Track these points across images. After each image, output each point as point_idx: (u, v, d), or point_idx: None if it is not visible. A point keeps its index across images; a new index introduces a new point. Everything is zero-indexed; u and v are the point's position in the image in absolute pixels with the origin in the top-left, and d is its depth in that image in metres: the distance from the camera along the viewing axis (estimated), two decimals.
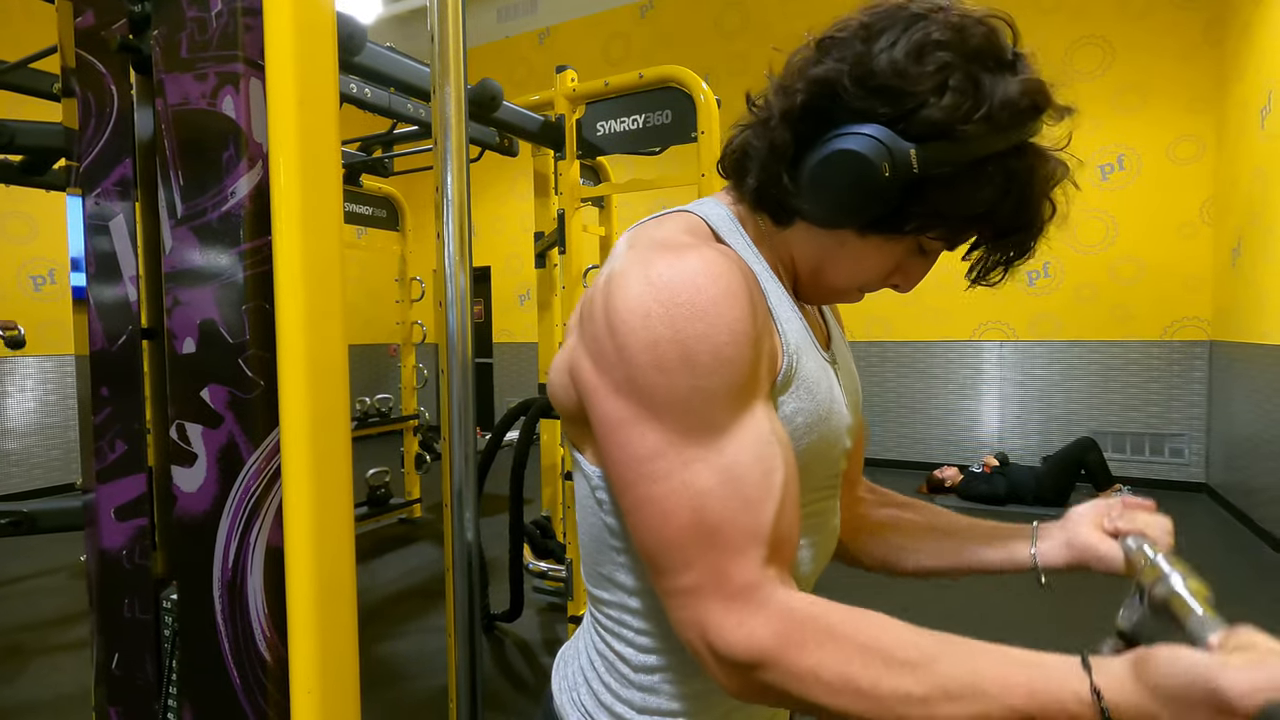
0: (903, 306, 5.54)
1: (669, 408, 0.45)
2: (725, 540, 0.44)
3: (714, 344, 0.45)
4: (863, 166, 0.48)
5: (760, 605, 0.44)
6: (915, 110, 0.47)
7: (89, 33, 1.04)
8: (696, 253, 0.48)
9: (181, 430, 0.97)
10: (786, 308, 0.55)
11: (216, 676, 0.99)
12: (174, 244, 0.96)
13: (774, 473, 0.46)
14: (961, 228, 0.52)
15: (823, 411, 0.54)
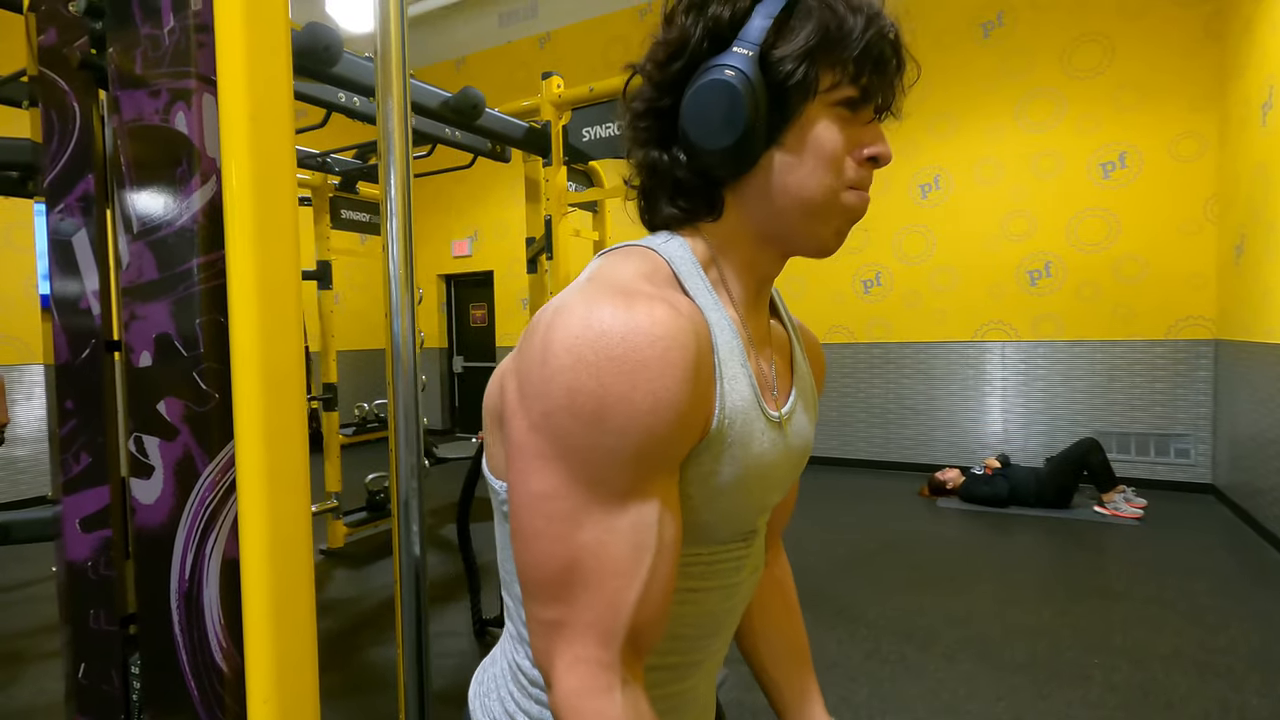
0: (905, 308, 5.52)
1: (572, 454, 0.45)
2: (589, 603, 0.46)
3: (632, 408, 0.44)
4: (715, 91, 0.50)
5: (595, 691, 0.45)
6: (718, 22, 0.52)
7: (51, 50, 1.05)
8: (647, 307, 0.46)
9: (139, 443, 0.98)
10: (736, 362, 0.54)
11: (176, 688, 0.99)
12: (130, 258, 0.97)
13: (645, 552, 0.46)
14: (838, 61, 0.52)
15: (742, 476, 0.53)
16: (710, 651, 0.61)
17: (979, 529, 4.09)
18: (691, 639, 0.58)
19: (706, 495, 0.52)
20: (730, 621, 0.62)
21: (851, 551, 3.70)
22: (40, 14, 1.06)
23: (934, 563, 3.49)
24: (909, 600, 3.03)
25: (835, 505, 4.69)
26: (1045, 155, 5.00)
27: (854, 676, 2.37)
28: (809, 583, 3.27)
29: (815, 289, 5.89)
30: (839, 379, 5.85)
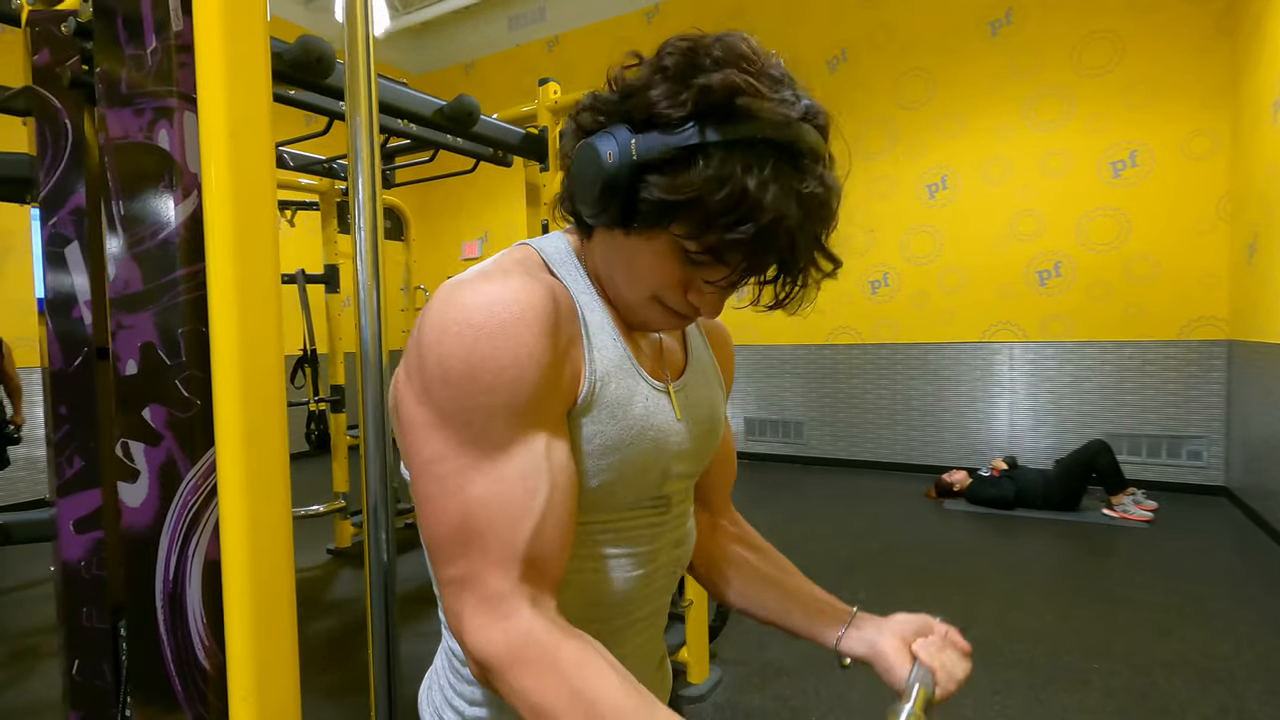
0: (912, 309, 5.49)
1: (453, 418, 0.49)
2: (486, 547, 0.48)
3: (498, 365, 0.49)
4: (592, 158, 0.51)
5: (503, 617, 0.48)
6: (636, 104, 0.51)
7: (45, 69, 1.09)
8: (503, 280, 0.51)
9: (126, 448, 1.01)
10: (607, 335, 0.58)
11: (161, 684, 1.03)
12: (118, 269, 1.00)
13: (537, 494, 0.49)
14: (692, 222, 0.50)
15: (628, 436, 0.56)
16: (634, 619, 0.63)
17: (984, 531, 4.06)
18: (610, 605, 0.60)
19: (595, 455, 0.55)
20: (652, 591, 0.64)
21: (853, 553, 3.70)
22: (35, 34, 1.10)
23: (937, 565, 3.48)
24: (909, 602, 3.01)
25: (840, 507, 4.67)
26: (1054, 154, 4.95)
27: (848, 680, 2.36)
28: None
29: (822, 290, 5.85)
30: (846, 380, 5.83)
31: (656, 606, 0.67)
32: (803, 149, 0.50)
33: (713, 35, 0.52)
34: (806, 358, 5.99)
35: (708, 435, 0.67)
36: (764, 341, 6.15)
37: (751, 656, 2.56)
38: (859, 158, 5.63)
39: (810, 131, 0.51)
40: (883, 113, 5.54)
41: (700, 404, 0.66)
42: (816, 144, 0.52)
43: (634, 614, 0.63)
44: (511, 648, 0.46)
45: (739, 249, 0.51)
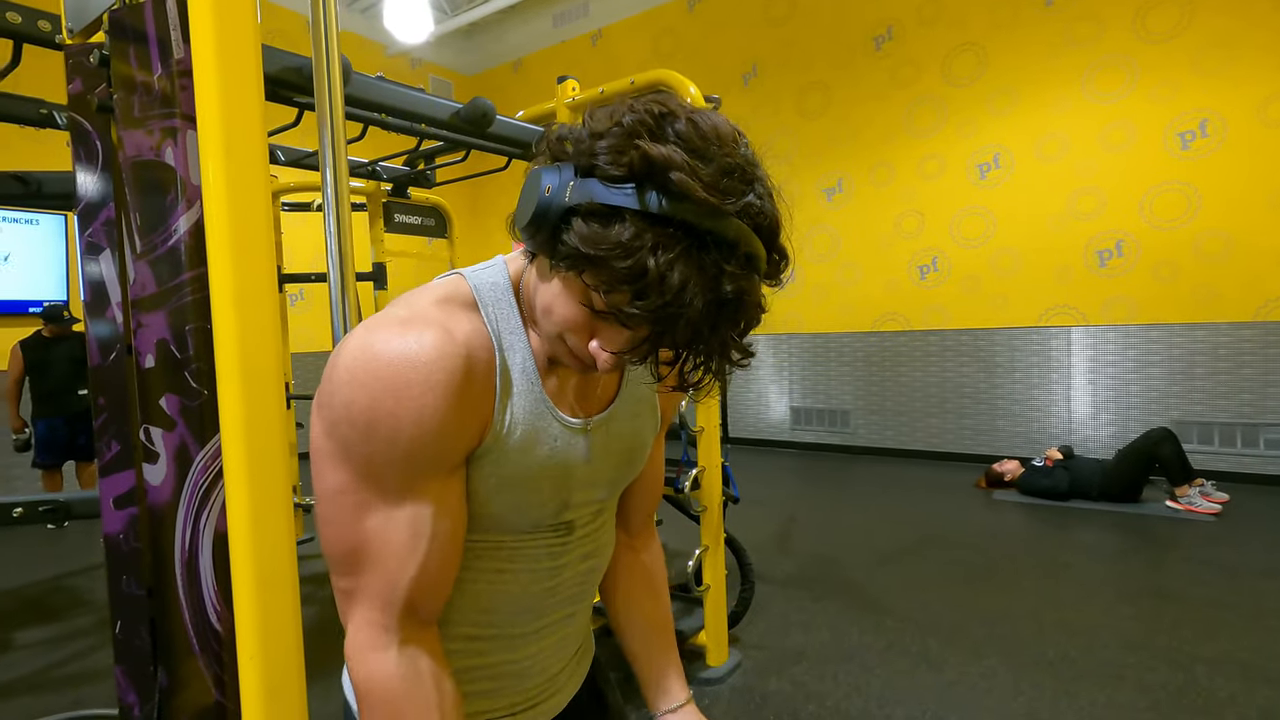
0: (963, 293, 5.31)
1: (354, 457, 0.54)
2: (372, 577, 0.55)
3: (396, 424, 0.52)
4: (535, 184, 0.53)
5: (376, 649, 0.55)
6: (588, 148, 0.52)
7: (78, 96, 1.22)
8: (417, 333, 0.53)
9: (147, 433, 1.14)
10: (524, 380, 0.60)
11: (182, 644, 1.15)
12: (136, 275, 1.12)
13: (420, 540, 0.55)
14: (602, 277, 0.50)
15: (527, 475, 0.60)
16: (541, 625, 0.68)
17: (1034, 523, 3.92)
18: (507, 614, 0.66)
19: (490, 491, 0.60)
20: (558, 601, 0.69)
21: (892, 543, 3.64)
22: (69, 65, 1.23)
23: (978, 557, 3.39)
24: (943, 594, 2.96)
25: (883, 496, 4.60)
26: (1116, 127, 4.69)
27: (870, 668, 2.36)
28: (839, 573, 3.25)
29: (868, 276, 5.75)
30: (894, 368, 5.70)
31: (569, 612, 0.71)
32: (724, 241, 0.48)
33: (695, 110, 0.52)
34: (853, 345, 5.88)
35: (624, 465, 0.70)
36: (810, 329, 6.08)
37: (773, 642, 2.58)
38: (907, 137, 5.48)
39: (738, 227, 0.49)
40: (931, 91, 5.36)
41: (622, 436, 0.69)
42: (742, 240, 0.49)
43: (539, 622, 0.68)
44: (372, 683, 0.54)
45: (638, 320, 0.50)
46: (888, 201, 5.63)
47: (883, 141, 5.61)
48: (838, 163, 5.84)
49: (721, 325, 0.51)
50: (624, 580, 0.83)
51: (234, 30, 1.04)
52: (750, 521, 4.11)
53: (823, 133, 5.90)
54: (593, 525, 0.71)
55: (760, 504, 4.54)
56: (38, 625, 3.04)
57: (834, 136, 5.84)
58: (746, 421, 6.54)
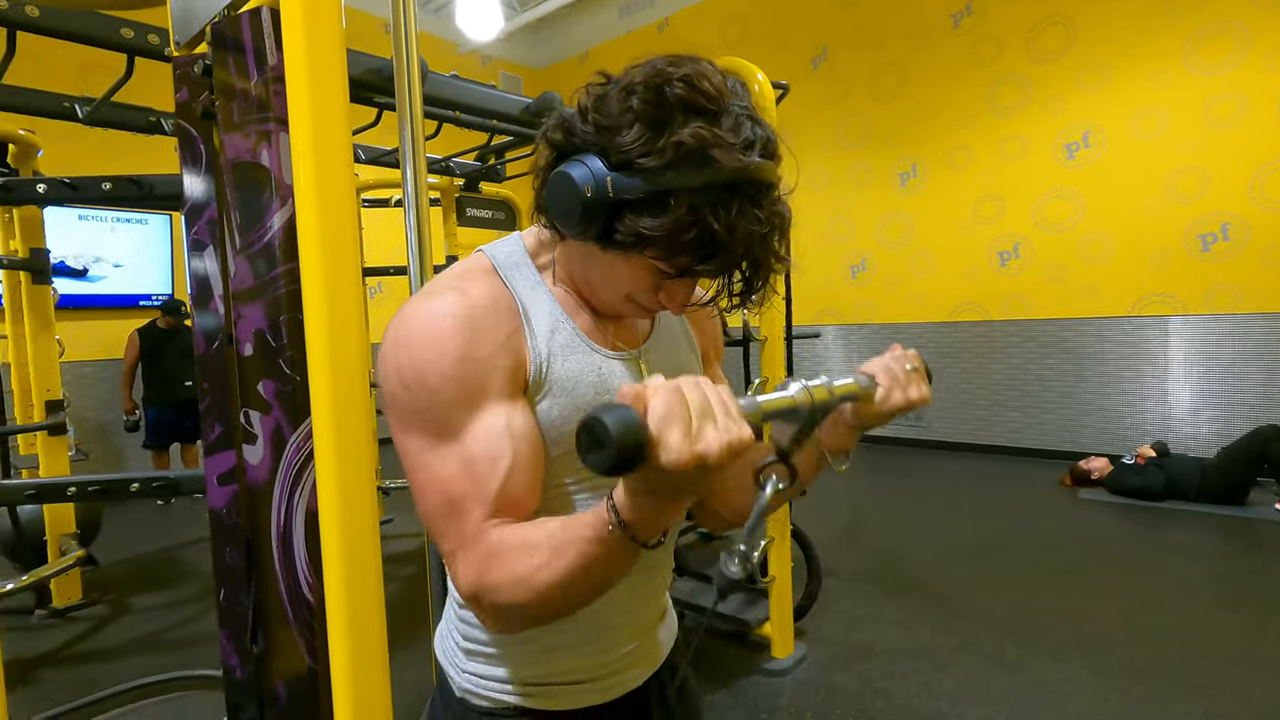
0: (1047, 281, 5.05)
1: (416, 416, 0.59)
2: (460, 509, 0.57)
3: (442, 367, 0.58)
4: (571, 187, 0.57)
5: (473, 549, 0.56)
6: (612, 143, 0.56)
7: (185, 104, 1.32)
8: (441, 296, 0.61)
9: (247, 416, 1.22)
10: (554, 320, 0.65)
11: (277, 613, 1.24)
12: (236, 269, 1.21)
13: (500, 459, 0.58)
14: (665, 249, 0.57)
15: (582, 405, 0.63)
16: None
17: (1124, 524, 3.71)
18: None
19: (555, 421, 0.63)
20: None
21: (967, 541, 3.52)
22: (176, 75, 1.33)
23: (1060, 557, 3.24)
24: (1022, 594, 2.85)
25: (958, 492, 4.44)
26: (1222, 100, 4.33)
27: (941, 665, 2.30)
28: (910, 570, 3.17)
29: (944, 265, 5.53)
30: (971, 360, 5.48)
31: (647, 563, 0.72)
32: (761, 184, 0.56)
33: (674, 68, 0.55)
34: (927, 336, 5.68)
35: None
36: (881, 320, 5.91)
37: (840, 637, 2.54)
38: (988, 118, 5.23)
39: (767, 167, 0.56)
40: (1014, 68, 5.10)
41: (666, 368, 0.72)
42: (772, 175, 0.57)
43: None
44: (477, 566, 0.55)
45: (708, 273, 0.59)
46: (966, 185, 5.39)
47: (961, 123, 5.37)
48: (912, 146, 5.64)
49: (770, 248, 0.59)
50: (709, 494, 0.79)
51: (321, 38, 1.10)
52: (819, 515, 4.05)
53: (896, 116, 5.70)
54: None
55: (829, 498, 4.47)
56: (150, 592, 3.32)
57: (908, 119, 5.64)
58: None
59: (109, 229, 5.30)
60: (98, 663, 2.64)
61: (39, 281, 3.03)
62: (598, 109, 0.57)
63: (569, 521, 0.54)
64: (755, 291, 0.62)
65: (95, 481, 1.62)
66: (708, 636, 2.59)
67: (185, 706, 1.87)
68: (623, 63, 0.59)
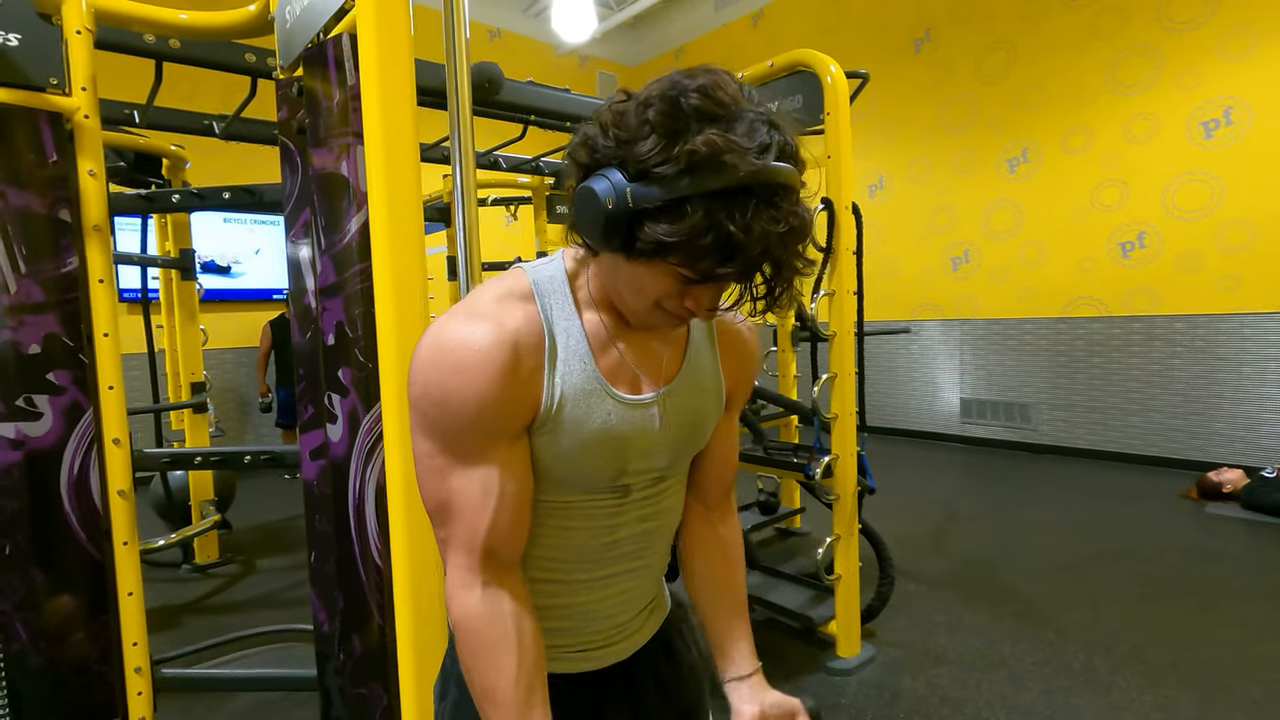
0: (1177, 273, 4.59)
1: (434, 427, 0.65)
2: (457, 527, 0.66)
3: (462, 399, 0.63)
4: (593, 201, 0.59)
5: (465, 587, 0.66)
6: (630, 155, 0.58)
7: (285, 122, 1.49)
8: (477, 326, 0.64)
9: (329, 399, 1.38)
10: (578, 360, 0.68)
11: (353, 576, 1.39)
12: (321, 267, 1.36)
13: (491, 496, 0.65)
14: (686, 255, 0.58)
15: (582, 447, 0.68)
16: (603, 575, 0.76)
17: (1256, 543, 3.34)
18: (570, 563, 0.74)
19: (550, 458, 0.68)
20: (617, 555, 0.76)
21: (1067, 552, 3.29)
22: (278, 96, 1.51)
23: (1175, 575, 2.97)
24: (1121, 611, 2.65)
25: (1064, 500, 4.14)
26: None
27: (1020, 680, 2.19)
28: (998, 578, 3.01)
29: (1057, 256, 5.15)
30: (1087, 359, 5.07)
31: (630, 567, 0.78)
32: (778, 187, 0.57)
33: (689, 79, 0.57)
34: (1038, 332, 5.32)
35: (686, 440, 0.76)
36: (986, 315, 5.58)
37: (912, 641, 2.47)
38: (1108, 96, 4.82)
39: (783, 170, 0.57)
40: (1141, 39, 4.66)
41: (684, 410, 0.75)
42: (790, 178, 0.58)
43: (600, 572, 0.76)
44: (462, 618, 0.66)
45: (729, 277, 0.60)
46: (1083, 170, 4.99)
47: (1079, 103, 4.97)
48: (1023, 130, 5.28)
49: (791, 250, 0.59)
50: (700, 551, 0.88)
51: (392, 59, 1.21)
52: (903, 516, 3.91)
53: (1005, 97, 5.35)
54: (650, 491, 0.76)
55: (917, 499, 4.30)
56: (274, 555, 3.71)
57: (1019, 101, 5.28)
58: (910, 413, 6.18)
59: (248, 230, 5.91)
60: (228, 613, 2.99)
61: (186, 278, 3.45)
62: (617, 124, 0.59)
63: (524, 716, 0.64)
64: (778, 294, 0.63)
65: (216, 453, 1.87)
66: (770, 629, 2.59)
67: (288, 654, 2.11)
68: (717, 57, 0.63)
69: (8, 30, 1.58)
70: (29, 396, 1.60)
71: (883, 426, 6.38)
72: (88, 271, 1.68)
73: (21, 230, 1.59)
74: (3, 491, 1.59)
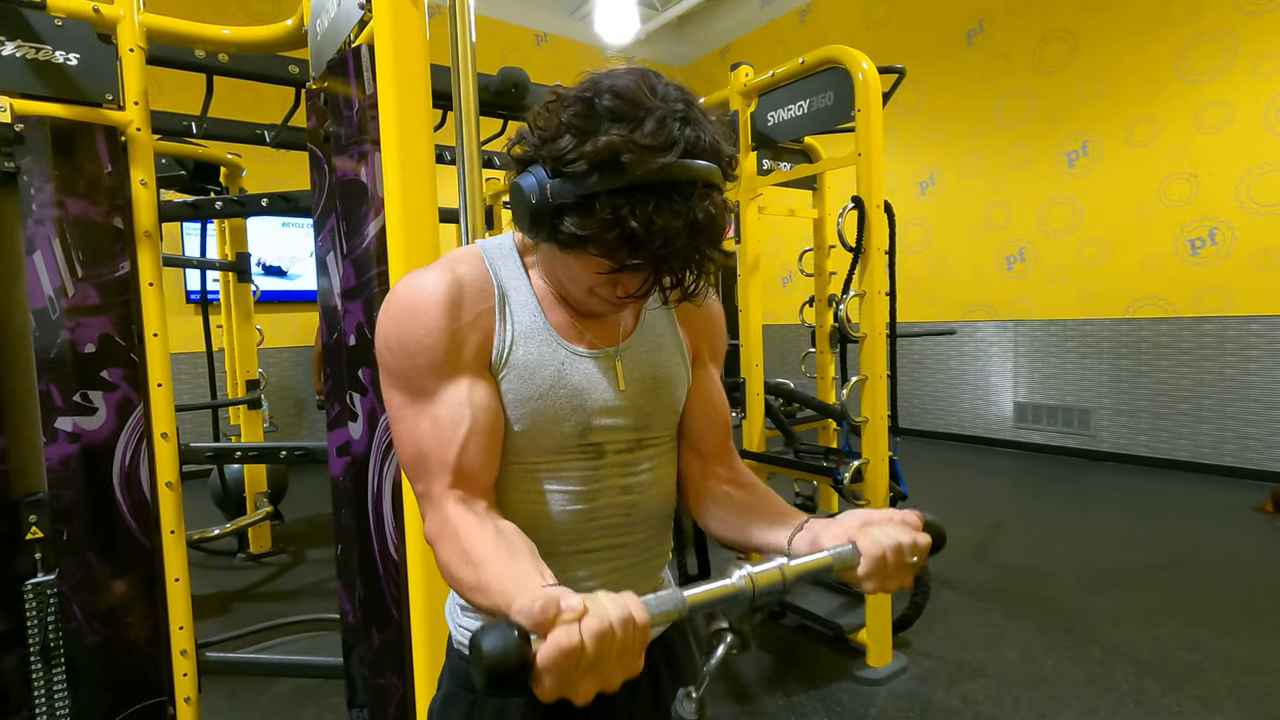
0: (1253, 271, 4.31)
1: (399, 375, 0.69)
2: (430, 465, 0.68)
3: (416, 338, 0.67)
4: (520, 195, 0.64)
5: (437, 510, 0.67)
6: (549, 153, 0.61)
7: (313, 131, 1.55)
8: (427, 274, 0.70)
9: (351, 398, 1.42)
10: (527, 310, 0.73)
11: (371, 568, 1.43)
12: (343, 271, 1.41)
13: (460, 425, 0.67)
14: (599, 247, 0.61)
15: (536, 393, 0.71)
16: (583, 549, 0.76)
17: None
18: (549, 531, 0.74)
19: (513, 408, 0.71)
20: (597, 527, 0.76)
21: (1123, 565, 3.13)
22: (308, 106, 1.57)
23: (1241, 593, 2.79)
24: (1177, 630, 2.50)
25: (1122, 511, 3.94)
26: None
27: (1061, 698, 2.09)
28: (1045, 591, 2.88)
29: (1120, 253, 4.90)
30: (1151, 362, 4.81)
31: (615, 542, 0.78)
32: (679, 182, 0.59)
33: (607, 78, 0.61)
34: (1097, 334, 5.07)
35: (651, 394, 0.77)
36: (1042, 316, 5.36)
37: (948, 653, 2.39)
38: (1177, 85, 4.56)
39: (688, 166, 0.59)
40: (1215, 24, 4.38)
41: (643, 365, 0.77)
42: (696, 173, 0.60)
43: (583, 544, 0.76)
44: (434, 531, 0.66)
45: (641, 266, 0.62)
46: (1149, 163, 4.73)
47: (1145, 92, 4.72)
48: (1083, 122, 5.04)
49: (702, 244, 0.62)
50: (708, 497, 0.84)
51: (407, 68, 1.25)
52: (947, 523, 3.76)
53: (1064, 88, 5.12)
54: (629, 456, 0.77)
55: (963, 505, 4.16)
56: (323, 546, 3.86)
57: (1079, 92, 5.04)
58: (960, 417, 5.97)
59: (305, 234, 6.15)
60: (276, 601, 3.13)
61: (242, 280, 3.63)
62: (542, 123, 0.63)
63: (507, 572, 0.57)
64: (689, 285, 0.66)
65: (255, 448, 1.96)
66: (800, 635, 2.55)
67: (323, 642, 2.19)
68: (763, 53, 0.64)
69: (68, 50, 1.69)
70: (85, 392, 1.71)
71: (931, 430, 6.19)
72: (139, 275, 1.79)
73: (79, 237, 1.70)
74: (62, 482, 1.71)
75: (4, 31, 1.62)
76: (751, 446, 2.61)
